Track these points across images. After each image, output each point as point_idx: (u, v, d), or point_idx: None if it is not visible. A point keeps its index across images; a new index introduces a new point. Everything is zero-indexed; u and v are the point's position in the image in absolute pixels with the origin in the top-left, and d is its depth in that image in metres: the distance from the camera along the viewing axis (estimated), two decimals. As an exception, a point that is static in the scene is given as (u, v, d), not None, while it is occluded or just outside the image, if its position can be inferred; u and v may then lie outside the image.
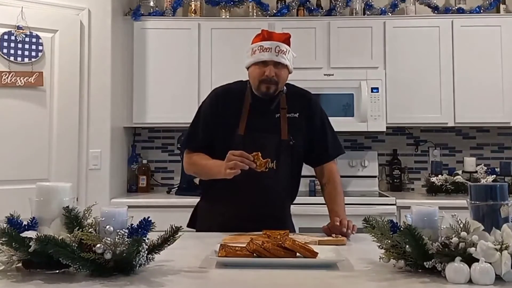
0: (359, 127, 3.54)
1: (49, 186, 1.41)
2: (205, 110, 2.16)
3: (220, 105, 2.12)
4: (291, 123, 2.09)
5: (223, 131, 2.07)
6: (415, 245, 1.26)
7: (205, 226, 2.09)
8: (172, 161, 4.03)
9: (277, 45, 2.02)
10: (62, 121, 3.24)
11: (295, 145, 2.08)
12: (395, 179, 3.86)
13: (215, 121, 2.10)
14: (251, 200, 2.02)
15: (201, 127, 2.14)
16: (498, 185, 1.33)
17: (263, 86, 2.04)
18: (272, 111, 2.10)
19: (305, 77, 3.45)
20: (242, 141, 2.03)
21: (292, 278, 1.30)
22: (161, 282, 1.24)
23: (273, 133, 2.07)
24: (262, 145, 2.01)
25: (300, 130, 2.11)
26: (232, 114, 2.08)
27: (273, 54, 2.02)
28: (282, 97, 2.12)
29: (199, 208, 2.23)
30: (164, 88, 3.69)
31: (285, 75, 2.09)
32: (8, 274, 1.29)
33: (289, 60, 2.07)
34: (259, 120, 2.07)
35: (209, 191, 2.17)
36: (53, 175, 3.17)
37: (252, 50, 2.06)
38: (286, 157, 2.05)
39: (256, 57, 2.04)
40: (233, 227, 1.91)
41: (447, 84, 3.65)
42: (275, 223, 1.93)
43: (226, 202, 2.05)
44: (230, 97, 2.14)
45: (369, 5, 3.87)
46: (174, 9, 3.84)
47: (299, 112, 2.12)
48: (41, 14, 3.19)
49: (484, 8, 3.83)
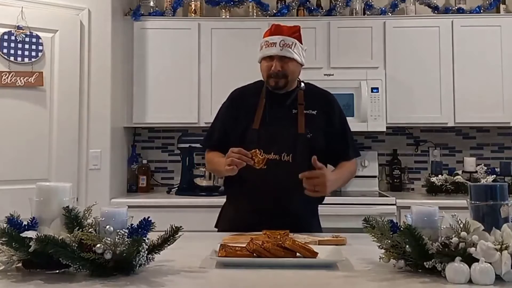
0: (359, 127, 3.54)
1: (49, 186, 1.41)
2: (222, 111, 2.24)
3: (236, 106, 2.17)
4: (309, 119, 2.09)
5: (239, 128, 2.10)
6: (415, 245, 1.26)
7: (226, 226, 2.09)
8: (172, 161, 4.03)
9: (282, 39, 2.04)
10: (62, 121, 3.24)
11: (312, 139, 2.06)
12: (395, 179, 3.86)
13: (231, 120, 2.14)
14: (266, 195, 2.00)
15: (217, 127, 2.20)
16: (498, 185, 1.33)
17: (272, 80, 2.08)
18: (289, 106, 2.10)
19: (305, 77, 3.41)
20: (257, 135, 2.04)
21: (292, 278, 1.30)
22: (161, 282, 1.24)
23: (289, 126, 2.06)
24: (277, 138, 2.02)
25: (318, 126, 2.09)
26: (248, 111, 2.10)
27: (278, 49, 2.04)
28: (299, 93, 2.13)
29: (224, 208, 2.24)
30: (164, 88, 3.69)
31: (294, 68, 2.09)
32: (8, 274, 1.29)
33: (297, 53, 2.07)
34: (275, 114, 2.08)
35: (229, 191, 2.21)
36: (53, 175, 3.17)
37: (261, 45, 2.11)
38: (303, 150, 2.02)
39: (263, 52, 2.09)
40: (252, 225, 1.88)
41: (447, 84, 3.65)
42: (294, 219, 1.94)
43: (244, 200, 2.06)
44: (246, 96, 2.18)
45: (369, 5, 3.87)
46: (174, 9, 3.84)
47: (318, 110, 2.12)
48: (41, 14, 3.19)
49: (484, 8, 3.83)
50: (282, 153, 2.00)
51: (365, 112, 3.52)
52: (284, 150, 1.99)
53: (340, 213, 3.20)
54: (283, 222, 1.82)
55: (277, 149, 2.00)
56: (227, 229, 2.00)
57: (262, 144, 1.98)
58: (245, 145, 1.98)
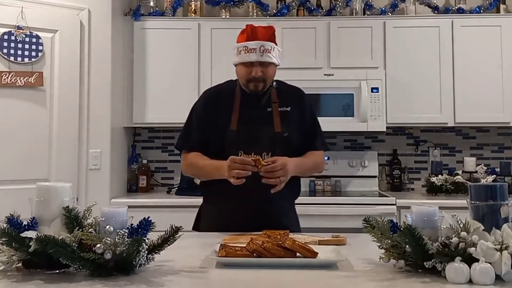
0: (359, 127, 3.54)
1: (49, 186, 1.41)
2: (197, 111, 2.19)
3: (211, 104, 2.16)
4: (283, 116, 2.11)
5: (217, 129, 2.09)
6: (415, 245, 1.26)
7: (208, 227, 2.09)
8: (172, 161, 4.02)
9: (261, 45, 2.04)
10: (62, 121, 3.24)
11: (289, 137, 2.09)
12: (395, 179, 3.86)
13: (208, 120, 2.13)
14: (248, 195, 1.97)
15: (195, 127, 2.16)
16: (498, 185, 1.33)
17: (251, 84, 2.08)
18: (263, 105, 2.12)
19: (305, 77, 3.46)
20: (236, 136, 2.05)
21: (292, 278, 1.30)
22: (161, 282, 1.24)
23: (266, 125, 2.08)
24: (255, 138, 2.03)
25: (293, 123, 2.12)
26: (224, 112, 2.11)
27: (258, 55, 2.04)
28: (272, 92, 2.15)
29: (202, 209, 2.23)
30: (164, 88, 3.69)
31: (272, 72, 2.11)
32: (8, 274, 1.29)
33: (275, 57, 2.08)
34: (251, 114, 2.09)
35: (208, 192, 2.18)
36: (53, 175, 3.17)
37: (238, 49, 2.09)
38: (281, 148, 2.04)
39: (242, 58, 2.08)
40: (234, 224, 1.91)
41: (447, 84, 3.65)
42: (273, 218, 1.95)
43: (224, 200, 2.05)
44: (221, 96, 2.18)
45: (369, 5, 3.87)
46: (174, 9, 3.84)
47: (291, 106, 2.14)
48: (41, 14, 3.19)
49: (484, 8, 3.83)
50: (263, 153, 2.01)
51: (365, 112, 3.52)
52: (264, 150, 2.00)
53: (340, 213, 3.20)
54: (264, 221, 1.86)
55: (258, 149, 2.00)
56: (210, 229, 2.01)
57: (241, 144, 2.00)
58: (224, 146, 2.02)
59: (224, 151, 2.01)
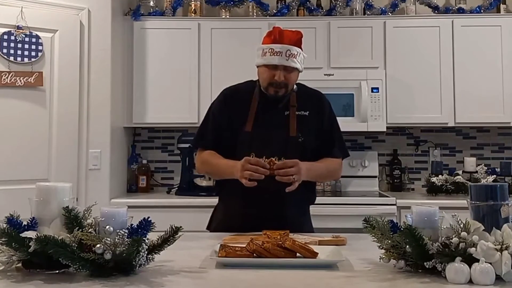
0: (359, 127, 3.54)
1: (49, 186, 1.41)
2: (214, 110, 2.18)
3: (229, 104, 2.14)
4: (301, 120, 2.08)
5: (231, 129, 2.08)
6: (415, 245, 1.26)
7: (219, 227, 2.07)
8: (172, 161, 4.02)
9: (288, 49, 2.01)
10: (62, 121, 3.24)
11: (304, 142, 2.06)
12: (395, 179, 3.86)
13: (224, 120, 2.11)
14: (262, 199, 1.98)
15: (211, 126, 2.15)
16: (498, 185, 1.33)
17: (272, 89, 2.05)
18: (281, 108, 2.09)
19: (305, 77, 3.41)
20: (249, 138, 2.03)
21: (292, 278, 1.30)
22: (161, 282, 1.24)
23: (281, 129, 2.05)
24: (269, 141, 2.01)
25: (310, 128, 2.09)
26: (240, 113, 2.08)
27: (284, 59, 2.00)
28: (292, 95, 2.11)
29: (216, 209, 2.22)
30: (164, 88, 3.69)
31: (295, 77, 2.09)
32: (8, 274, 1.28)
33: (300, 62, 2.05)
34: (267, 117, 2.07)
35: (222, 191, 2.18)
36: (53, 175, 3.17)
37: (263, 51, 2.05)
38: (294, 153, 2.00)
39: (267, 60, 2.03)
40: (245, 227, 1.89)
41: (447, 84, 3.65)
42: (286, 221, 1.93)
43: (236, 202, 2.05)
44: (239, 96, 2.16)
45: (369, 5, 3.87)
46: (174, 9, 3.84)
47: (310, 110, 2.11)
48: (41, 14, 3.19)
49: (484, 8, 3.83)
50: (274, 157, 1.97)
51: (365, 112, 3.52)
52: (276, 153, 1.95)
53: (340, 213, 3.20)
54: (275, 225, 1.81)
55: (269, 152, 1.96)
56: (218, 230, 2.01)
57: (254, 147, 1.98)
58: (237, 147, 2.00)
59: (236, 152, 2.00)
